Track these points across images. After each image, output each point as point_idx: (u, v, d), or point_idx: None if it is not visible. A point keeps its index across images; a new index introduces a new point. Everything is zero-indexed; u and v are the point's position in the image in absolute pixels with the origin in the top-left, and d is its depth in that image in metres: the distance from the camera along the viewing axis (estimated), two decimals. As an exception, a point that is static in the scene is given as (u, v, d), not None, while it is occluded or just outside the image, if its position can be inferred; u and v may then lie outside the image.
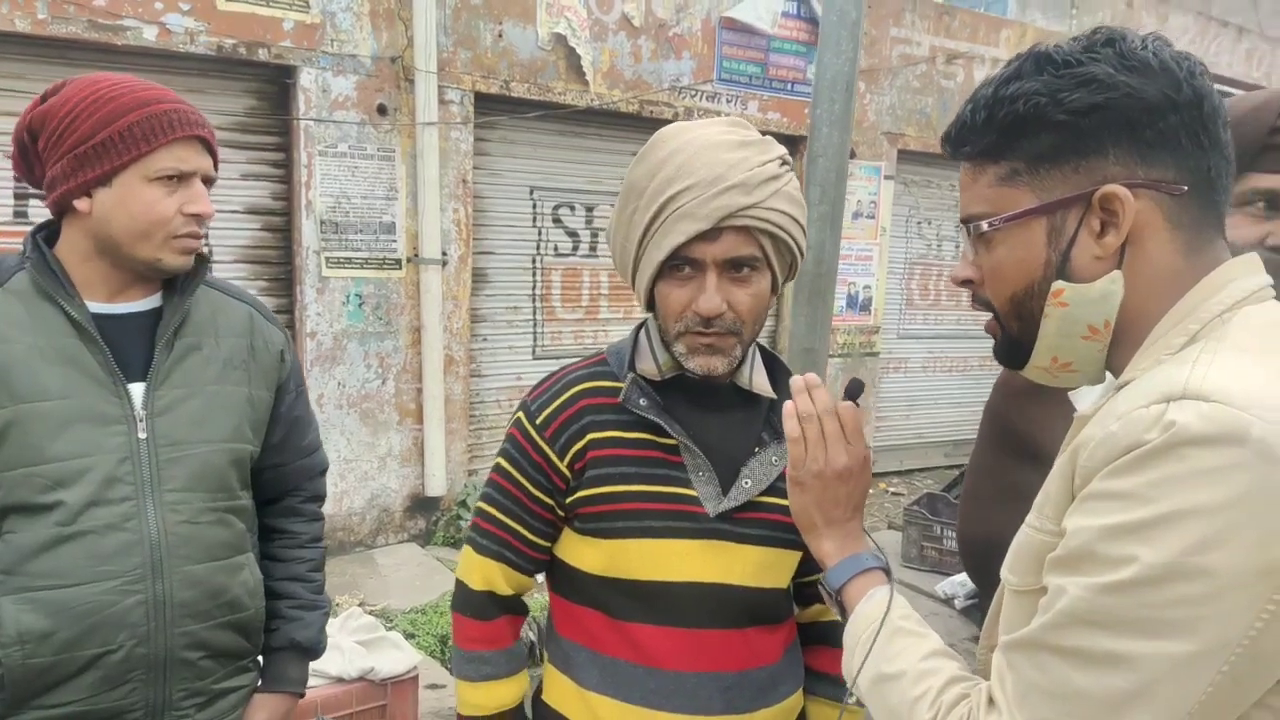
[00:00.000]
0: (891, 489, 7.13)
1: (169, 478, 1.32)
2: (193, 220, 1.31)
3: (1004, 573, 0.85)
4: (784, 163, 1.18)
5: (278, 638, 1.52)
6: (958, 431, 7.69)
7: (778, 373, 1.31)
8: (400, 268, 4.98)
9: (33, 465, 1.24)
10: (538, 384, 1.31)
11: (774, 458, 1.24)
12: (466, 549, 1.34)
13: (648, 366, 1.24)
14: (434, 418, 5.06)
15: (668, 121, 5.77)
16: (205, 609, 1.35)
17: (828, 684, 1.38)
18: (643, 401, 1.21)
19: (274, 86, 4.67)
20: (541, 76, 5.30)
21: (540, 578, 1.37)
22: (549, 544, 1.30)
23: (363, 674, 2.73)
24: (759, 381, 1.27)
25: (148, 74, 4.26)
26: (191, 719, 1.36)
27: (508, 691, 1.33)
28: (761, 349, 1.31)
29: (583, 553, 1.25)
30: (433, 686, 3.51)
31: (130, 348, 1.33)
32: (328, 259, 4.77)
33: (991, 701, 0.77)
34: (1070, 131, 0.78)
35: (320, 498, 1.64)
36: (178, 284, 1.38)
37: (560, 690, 1.28)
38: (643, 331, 1.28)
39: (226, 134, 4.58)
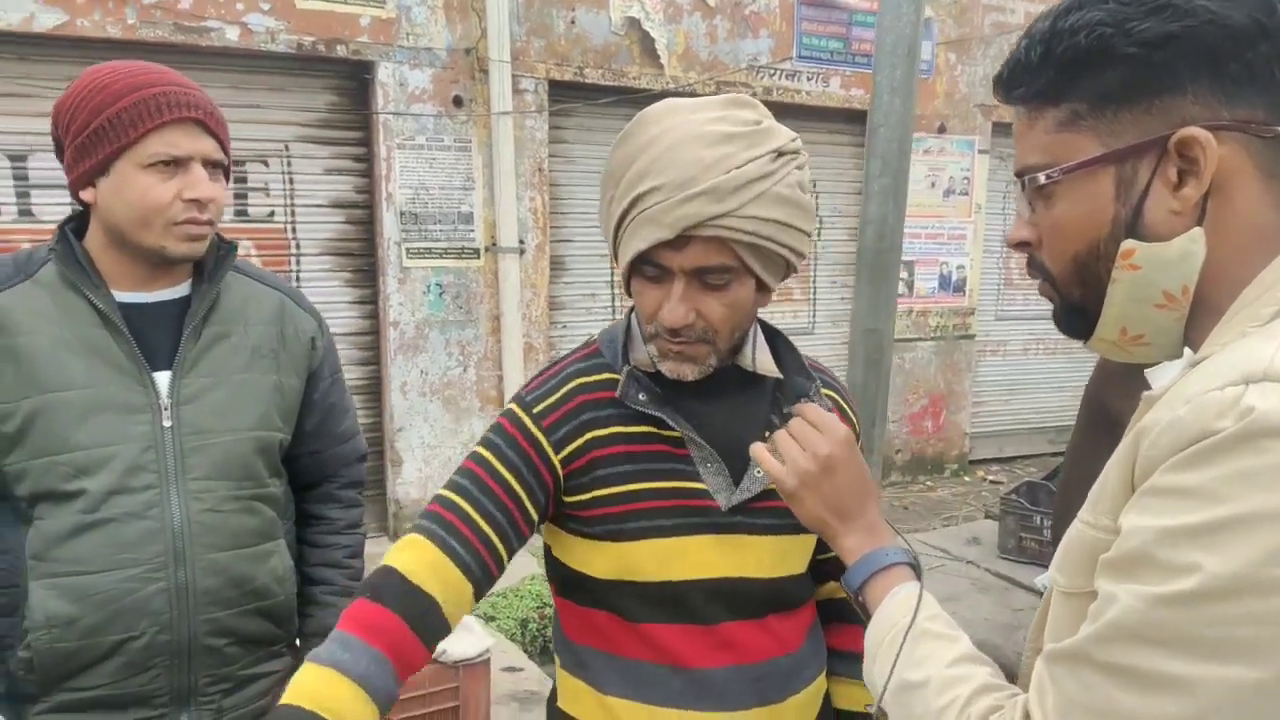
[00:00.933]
0: (990, 477, 6.82)
1: (193, 466, 1.32)
2: (192, 205, 1.27)
3: (1052, 572, 0.76)
4: (781, 154, 1.03)
5: (312, 624, 1.51)
6: (1061, 417, 7.29)
7: (782, 349, 1.21)
8: (479, 257, 5.03)
9: (57, 454, 1.25)
10: (532, 378, 1.20)
11: None
12: (406, 536, 1.10)
13: (642, 356, 1.15)
14: (514, 405, 5.09)
15: (746, 102, 5.66)
16: (229, 596, 1.34)
17: (849, 662, 1.28)
18: (641, 396, 1.11)
19: (353, 82, 4.78)
20: (615, 61, 5.26)
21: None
22: (500, 548, 1.09)
23: (435, 656, 2.74)
24: (763, 361, 1.17)
25: (231, 74, 4.48)
26: (218, 704, 1.37)
27: (345, 701, 0.96)
28: (763, 325, 1.22)
29: (589, 558, 1.15)
30: (510, 669, 3.52)
31: (158, 336, 1.33)
32: (408, 249, 4.85)
33: (1028, 717, 0.68)
34: (1141, 66, 0.68)
35: (358, 483, 1.62)
36: (206, 271, 1.37)
37: (576, 695, 1.20)
38: (634, 317, 1.18)
39: (309, 130, 4.72)
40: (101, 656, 1.27)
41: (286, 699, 0.96)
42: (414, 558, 1.05)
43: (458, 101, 4.87)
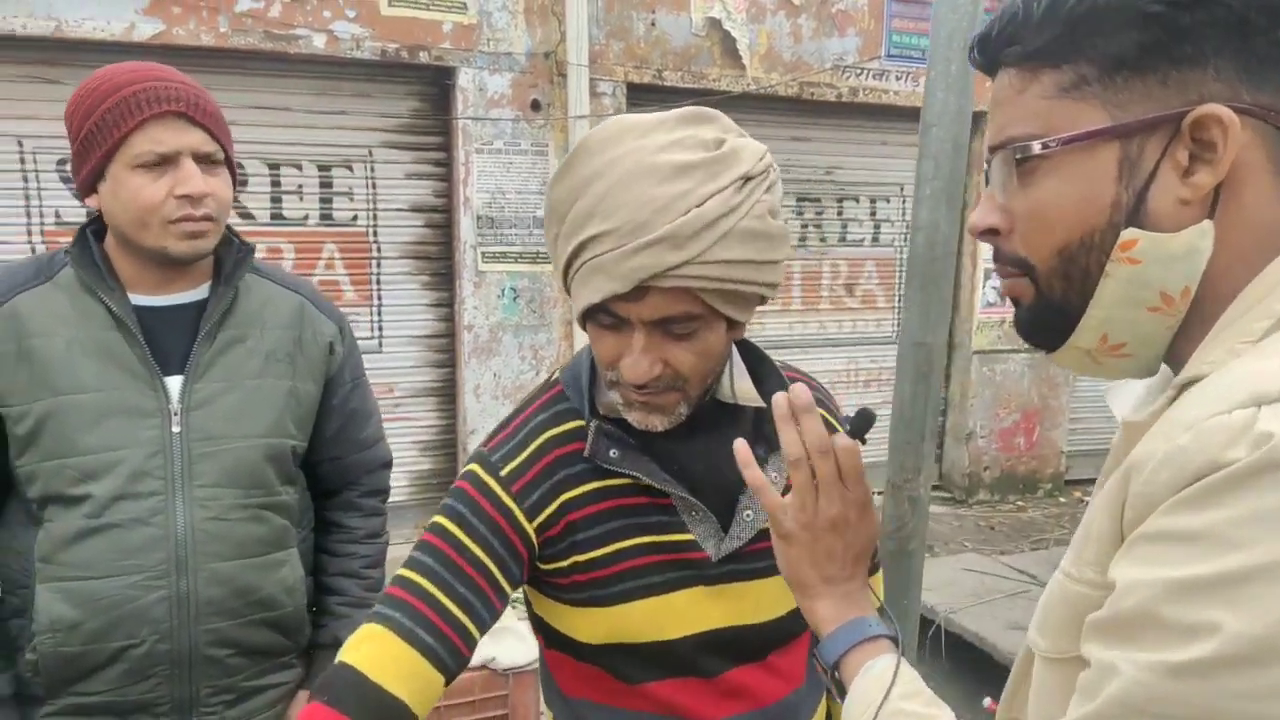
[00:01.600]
0: (1087, 497, 6.44)
1: (200, 473, 1.30)
2: (185, 202, 1.25)
3: (1031, 634, 0.66)
4: (748, 180, 0.89)
5: (324, 635, 1.49)
6: (1170, 436, 6.84)
7: (764, 372, 1.08)
8: (552, 261, 5.02)
9: (65, 457, 1.25)
10: (494, 432, 1.08)
11: (773, 474, 1.05)
12: (363, 627, 0.96)
13: (610, 399, 1.03)
14: (586, 410, 5.08)
15: (829, 105, 5.52)
16: (233, 606, 1.33)
17: None
18: (613, 453, 1.01)
19: (434, 88, 4.85)
20: (695, 63, 5.19)
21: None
22: (473, 631, 0.97)
23: (485, 663, 2.74)
24: (743, 390, 1.06)
25: (318, 80, 4.59)
26: (221, 715, 1.36)
27: None
28: (741, 345, 1.09)
29: (574, 624, 1.06)
30: (566, 679, 3.49)
31: (172, 340, 1.32)
32: (484, 254, 4.89)
33: None
34: (1164, 29, 0.59)
35: (381, 492, 1.59)
36: (224, 274, 1.36)
37: None
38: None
39: (392, 135, 4.81)
40: (104, 662, 1.28)
41: None
42: (376, 653, 0.93)
43: (535, 105, 4.88)
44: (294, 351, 1.41)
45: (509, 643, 2.81)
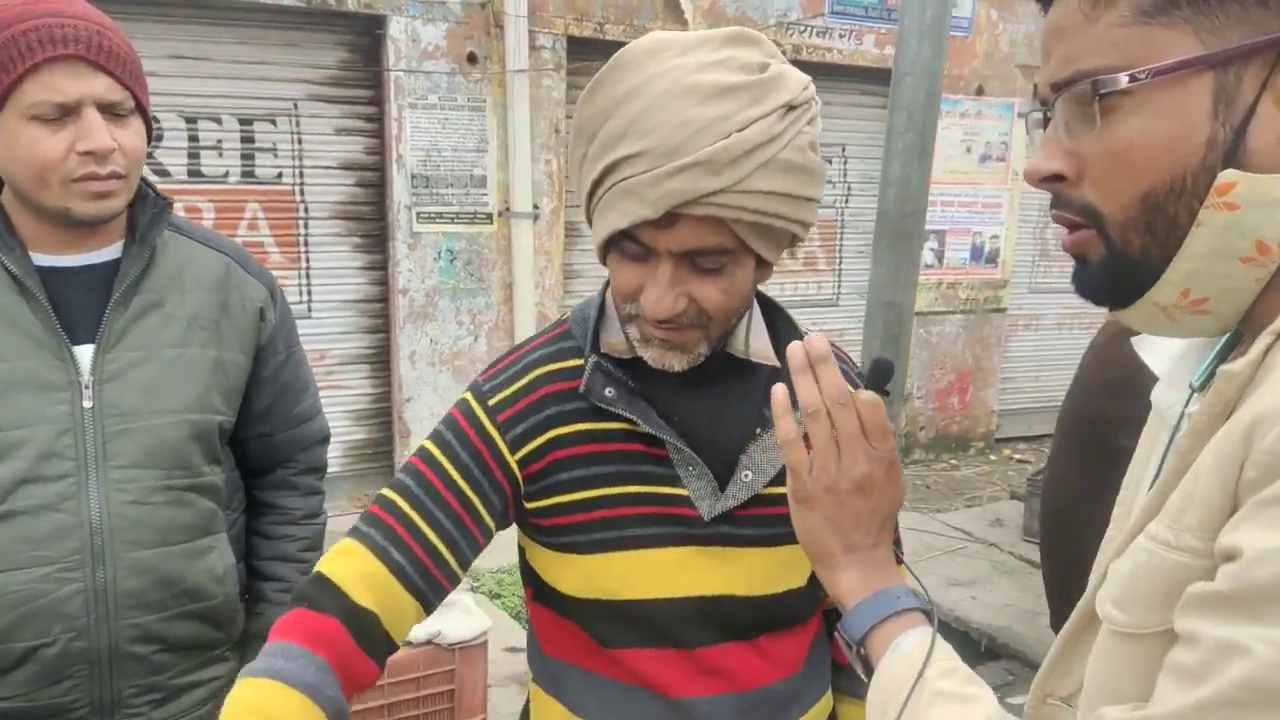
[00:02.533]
0: (1018, 456, 6.63)
1: (116, 453, 1.18)
2: (89, 159, 1.11)
3: (1105, 606, 0.60)
4: (792, 109, 0.85)
5: (260, 624, 1.38)
6: (1096, 394, 7.07)
7: (781, 329, 1.04)
8: (491, 222, 4.88)
9: None
10: (492, 364, 1.06)
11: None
12: (341, 541, 0.98)
13: (615, 340, 0.99)
14: (527, 375, 4.99)
15: (774, 61, 5.42)
16: (157, 599, 1.22)
17: (857, 680, 1.15)
18: (608, 392, 0.96)
19: (364, 38, 4.61)
20: (637, 17, 5.04)
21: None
22: (452, 564, 0.97)
23: (430, 638, 2.67)
24: (757, 346, 1.01)
25: (240, 29, 4.33)
26: (147, 716, 1.25)
27: (285, 700, 0.86)
28: (761, 299, 1.05)
29: (555, 570, 1.02)
30: (512, 650, 3.45)
31: (81, 305, 1.18)
32: (419, 214, 4.71)
33: None
34: None
35: (318, 469, 1.48)
36: (138, 232, 1.22)
37: (548, 716, 1.08)
38: (610, 292, 1.02)
39: (319, 88, 4.57)
40: (10, 665, 1.16)
41: (225, 718, 0.85)
42: (349, 568, 0.94)
43: (472, 59, 4.68)
44: (219, 318, 1.28)
45: (456, 616, 2.74)
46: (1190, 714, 0.49)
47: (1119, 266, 0.60)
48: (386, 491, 0.99)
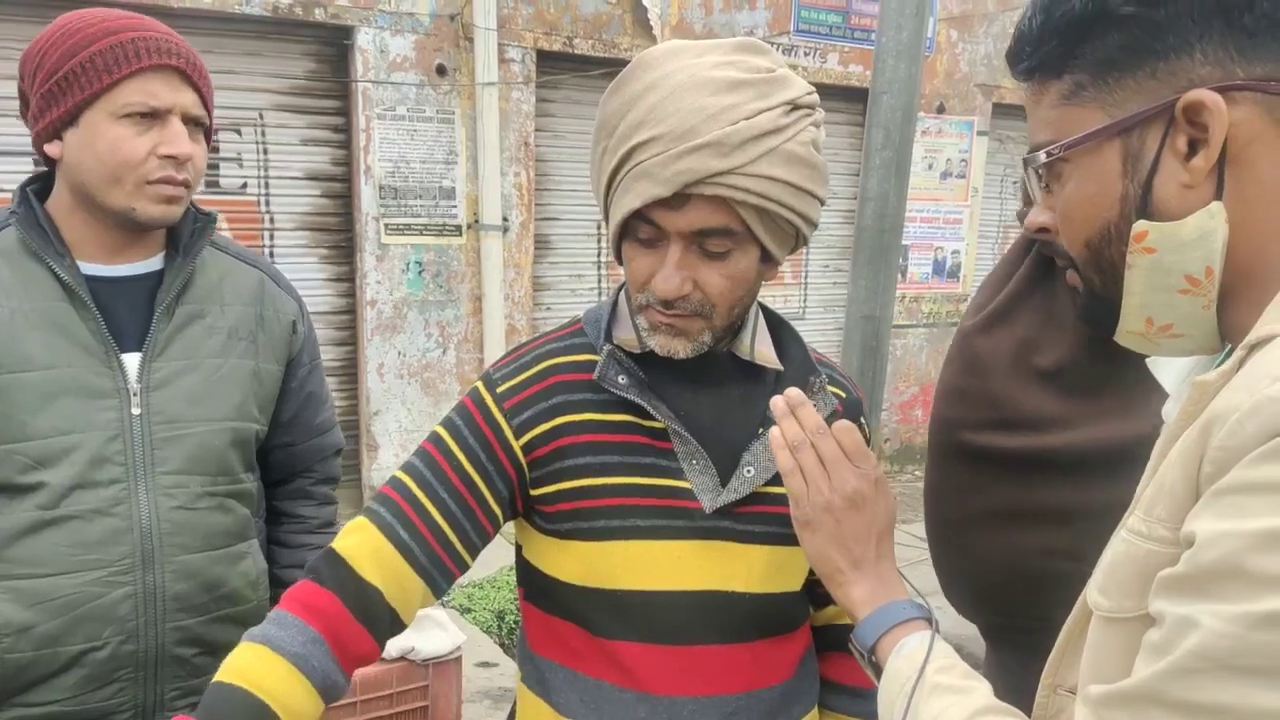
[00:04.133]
0: (980, 467, 6.74)
1: (164, 459, 1.21)
2: (169, 163, 1.16)
3: (1092, 595, 0.65)
4: (797, 108, 0.92)
5: None
6: (1054, 406, 7.22)
7: (785, 340, 1.09)
8: (460, 234, 4.86)
9: (13, 442, 1.13)
10: (504, 354, 1.10)
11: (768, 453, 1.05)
12: (355, 519, 1.02)
13: (627, 335, 1.03)
14: (496, 388, 4.96)
15: (741, 77, 5.48)
16: (201, 602, 1.24)
17: (846, 697, 1.17)
18: (621, 379, 1.00)
19: (331, 48, 4.58)
20: (606, 32, 5.07)
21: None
22: (460, 550, 1.00)
23: (403, 653, 2.63)
24: (762, 351, 1.05)
25: (204, 38, 4.26)
26: None
27: (276, 680, 0.90)
28: (766, 311, 1.10)
29: (555, 559, 1.04)
30: (484, 665, 3.41)
31: (126, 314, 1.22)
32: (387, 225, 4.68)
33: None
34: (1141, 27, 0.62)
35: (333, 480, 1.52)
36: (181, 244, 1.25)
37: (535, 715, 1.09)
38: (624, 293, 1.07)
39: (285, 98, 4.52)
40: (60, 669, 1.16)
41: (218, 676, 0.91)
42: (358, 543, 0.98)
43: (441, 70, 4.67)
44: (256, 330, 1.32)
45: (429, 632, 2.71)
46: (1153, 683, 0.54)
47: (1093, 300, 0.70)
48: (398, 473, 1.03)
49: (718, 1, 5.37)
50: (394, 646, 2.60)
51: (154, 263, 1.25)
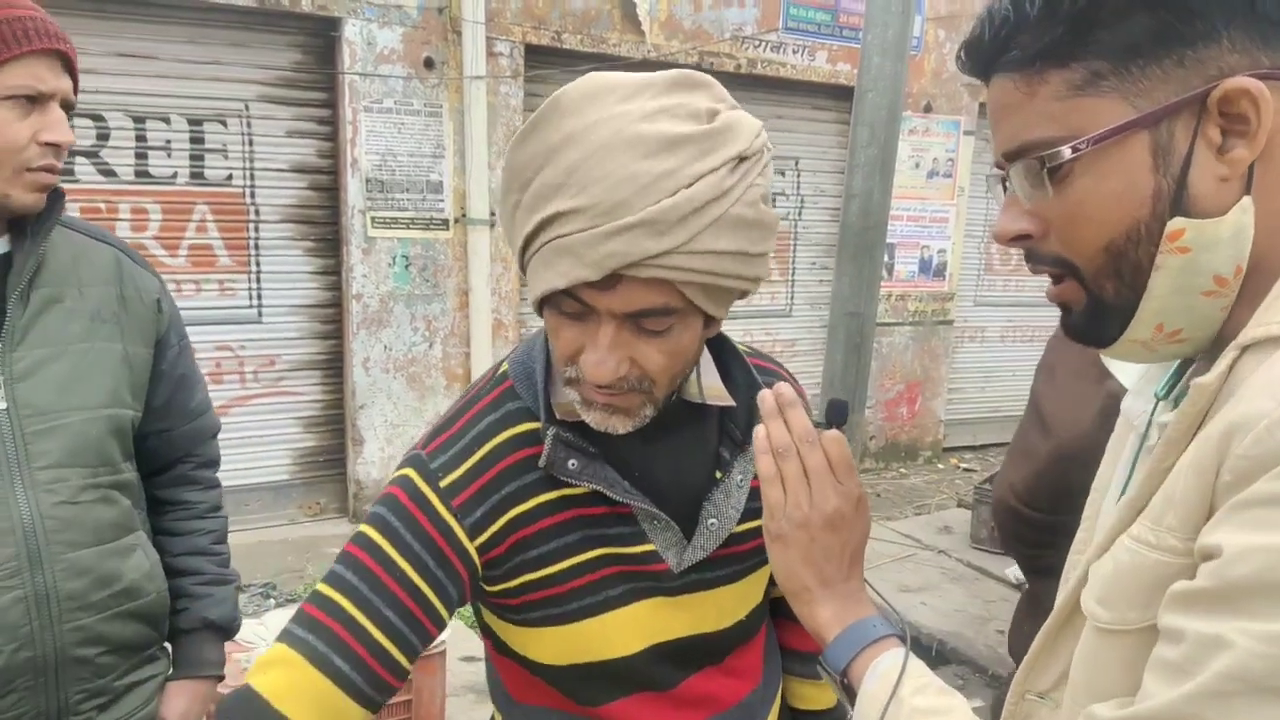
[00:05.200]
0: (964, 465, 6.78)
1: (39, 453, 1.15)
2: (49, 150, 1.12)
3: (1089, 604, 0.63)
4: (743, 160, 0.79)
5: (187, 619, 1.36)
6: (1037, 405, 7.25)
7: (730, 364, 0.99)
8: (447, 228, 4.83)
9: None
10: (434, 432, 0.95)
11: (739, 478, 0.99)
12: (275, 646, 0.87)
13: (565, 400, 0.91)
14: (482, 383, 4.94)
15: (728, 75, 5.49)
16: (97, 599, 1.19)
17: (804, 661, 1.17)
18: (572, 464, 0.90)
19: (318, 40, 4.54)
20: (595, 27, 5.05)
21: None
22: (404, 663, 0.87)
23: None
24: (711, 387, 0.97)
25: (188, 28, 4.24)
26: None
27: None
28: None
29: (528, 643, 0.97)
30: (468, 659, 3.41)
31: None
32: (373, 219, 4.65)
33: None
34: (1171, 11, 0.58)
35: (215, 462, 1.46)
36: (29, 225, 1.17)
37: None
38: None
39: (271, 90, 4.49)
40: None
41: None
42: (284, 679, 0.83)
43: (429, 63, 4.65)
44: (118, 310, 1.25)
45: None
46: (1180, 706, 0.51)
47: (1100, 310, 0.65)
48: (323, 588, 0.88)
49: (707, -2, 5.37)
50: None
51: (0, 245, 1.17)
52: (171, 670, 1.38)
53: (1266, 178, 0.59)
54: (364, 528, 0.90)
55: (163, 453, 1.38)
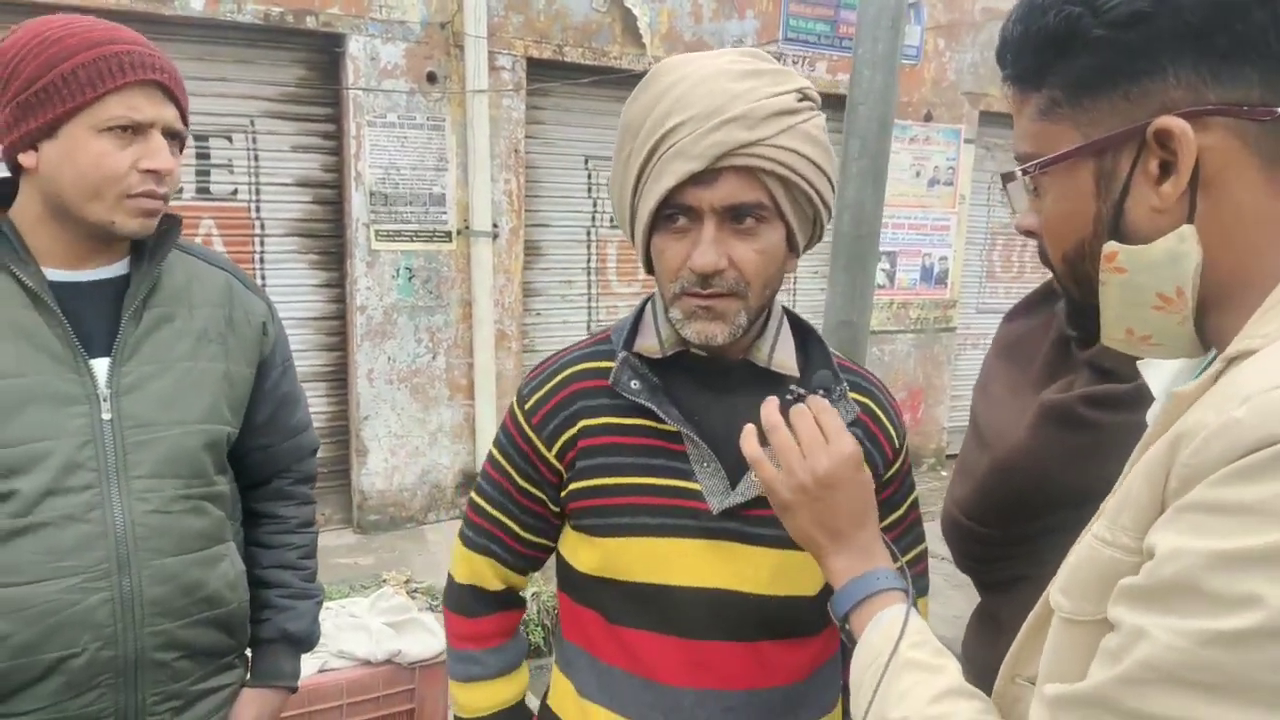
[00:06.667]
0: (967, 472, 6.76)
1: (136, 463, 1.21)
2: (150, 177, 1.17)
3: (1054, 594, 0.66)
4: (804, 98, 1.01)
5: (268, 629, 1.42)
6: (1041, 412, 7.25)
7: (810, 347, 1.13)
8: (450, 240, 4.88)
9: None
10: (535, 366, 1.18)
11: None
12: (456, 542, 1.25)
13: (649, 343, 1.10)
14: (485, 393, 4.97)
15: (730, 85, 5.51)
16: (180, 606, 1.24)
17: None
18: (634, 384, 1.06)
19: (323, 56, 4.60)
20: (596, 40, 5.10)
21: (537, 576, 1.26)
22: (545, 540, 1.19)
23: (390, 657, 2.65)
24: (781, 359, 1.09)
25: (195, 45, 4.29)
26: None
27: (500, 692, 1.25)
28: (792, 318, 1.15)
29: (578, 551, 1.12)
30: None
31: (94, 319, 1.21)
32: (377, 231, 4.70)
33: None
34: (1113, 50, 0.62)
35: (311, 479, 1.52)
36: (147, 249, 1.25)
37: (561, 695, 1.18)
38: (649, 304, 1.14)
39: (276, 105, 4.54)
40: (37, 677, 1.16)
41: (486, 711, 1.24)
42: (470, 570, 1.23)
43: (431, 78, 4.70)
44: (225, 332, 1.32)
45: (416, 635, 2.72)
46: (1106, 689, 0.56)
47: (1074, 309, 0.71)
48: (473, 496, 1.23)
49: (707, 10, 5.41)
50: (380, 650, 2.62)
51: (120, 267, 1.25)
52: (248, 678, 1.43)
53: (1219, 208, 0.61)
54: (491, 447, 1.21)
55: (263, 467, 1.44)
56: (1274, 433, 0.51)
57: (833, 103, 5.88)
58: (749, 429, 0.90)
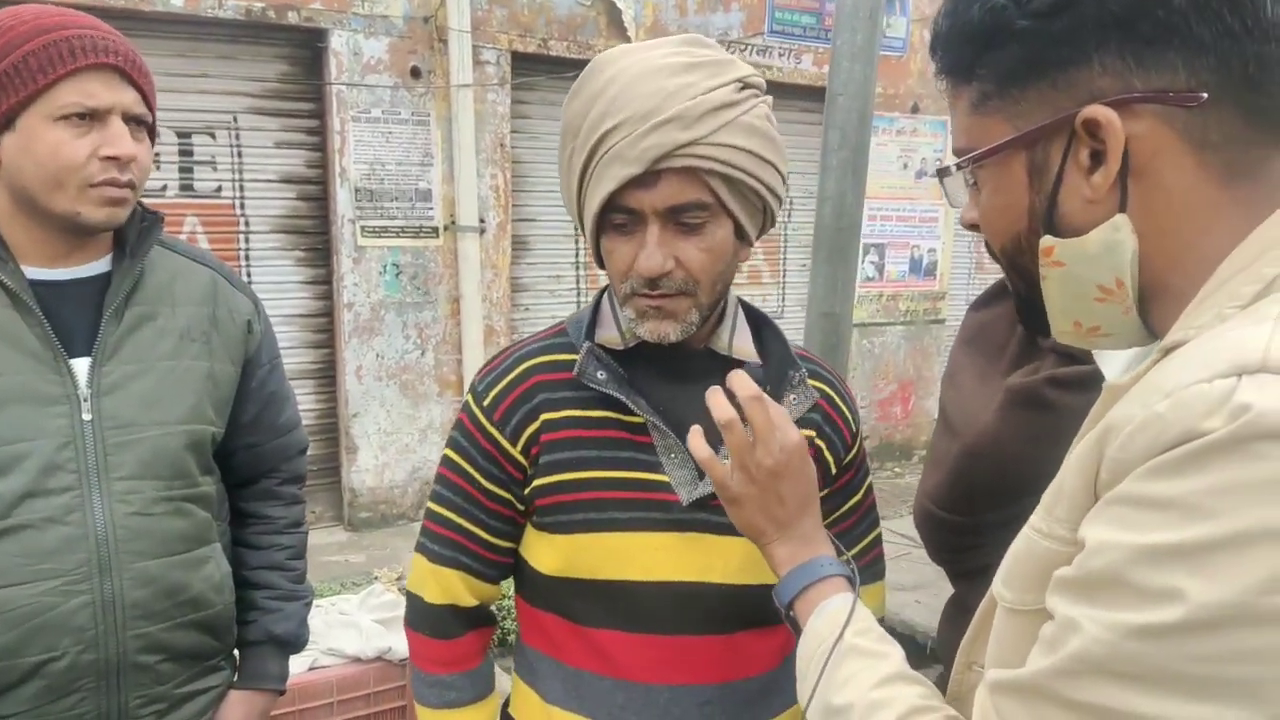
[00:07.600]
0: (958, 463, 6.78)
1: (117, 464, 1.19)
2: (111, 165, 1.13)
3: (997, 585, 0.67)
4: (746, 87, 0.97)
5: (254, 631, 1.40)
6: (1031, 402, 7.28)
7: (766, 336, 1.11)
8: (437, 236, 4.86)
9: None
10: (487, 361, 1.13)
11: None
12: (417, 558, 1.15)
13: (609, 334, 1.07)
14: (474, 389, 4.96)
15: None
16: (162, 609, 1.22)
17: None
18: (600, 374, 1.03)
19: (305, 51, 4.57)
20: (581, 33, 5.09)
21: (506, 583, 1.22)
22: (514, 545, 1.12)
23: (380, 654, 2.64)
24: (740, 346, 1.08)
25: (177, 42, 4.26)
26: None
27: (474, 718, 1.16)
28: (746, 307, 1.14)
29: (539, 551, 1.08)
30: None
31: (74, 318, 1.19)
32: (363, 228, 4.67)
33: None
34: (1038, 40, 0.61)
35: (300, 479, 1.50)
36: (128, 246, 1.22)
37: (524, 704, 1.14)
38: (606, 295, 1.11)
39: (259, 101, 4.51)
40: (18, 680, 1.14)
41: None
42: (438, 586, 1.13)
43: (415, 73, 4.67)
44: (209, 330, 1.30)
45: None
46: (1040, 679, 0.56)
47: (1020, 302, 0.71)
48: (432, 505, 1.14)
49: (692, 3, 5.40)
50: (371, 647, 2.60)
51: (101, 265, 1.22)
52: (235, 680, 1.40)
53: (1150, 197, 0.60)
54: (445, 449, 1.13)
55: (249, 467, 1.42)
56: (1193, 428, 0.50)
57: (820, 94, 5.89)
58: (696, 429, 0.89)
